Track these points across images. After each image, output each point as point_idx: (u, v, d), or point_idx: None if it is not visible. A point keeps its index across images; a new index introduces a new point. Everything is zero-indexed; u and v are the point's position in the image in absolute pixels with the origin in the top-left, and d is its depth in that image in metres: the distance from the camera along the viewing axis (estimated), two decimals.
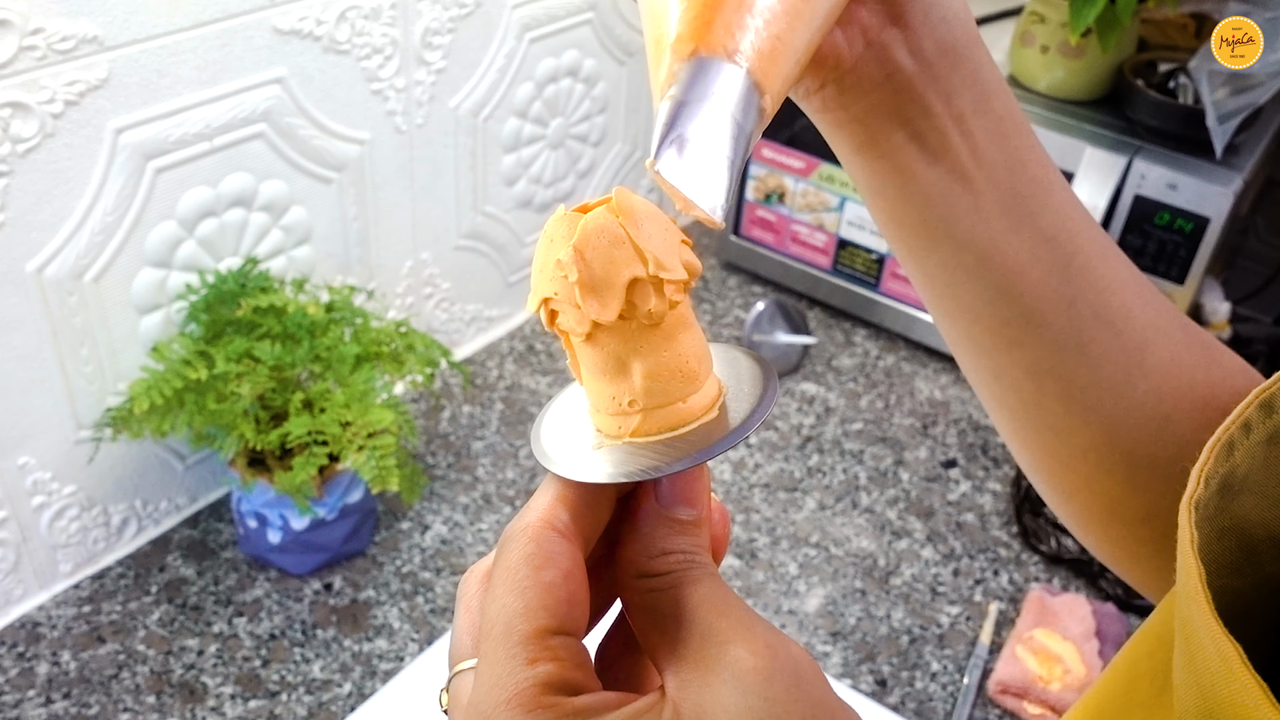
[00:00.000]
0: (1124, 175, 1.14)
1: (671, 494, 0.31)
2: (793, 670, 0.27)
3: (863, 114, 0.39)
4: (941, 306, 0.43)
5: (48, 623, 0.94)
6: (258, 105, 0.93)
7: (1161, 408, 0.42)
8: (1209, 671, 0.27)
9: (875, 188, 0.41)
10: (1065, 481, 0.45)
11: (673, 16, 0.29)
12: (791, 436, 1.21)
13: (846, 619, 1.01)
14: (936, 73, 0.37)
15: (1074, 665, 0.95)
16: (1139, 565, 0.46)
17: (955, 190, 0.39)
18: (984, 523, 1.12)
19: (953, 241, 0.40)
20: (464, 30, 1.08)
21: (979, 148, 0.39)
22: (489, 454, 1.15)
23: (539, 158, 1.25)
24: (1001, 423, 0.46)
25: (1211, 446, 0.32)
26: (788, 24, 0.29)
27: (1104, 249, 0.42)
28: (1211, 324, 1.26)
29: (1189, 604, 0.28)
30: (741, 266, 1.45)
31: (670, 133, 0.27)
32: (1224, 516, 0.33)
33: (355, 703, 0.90)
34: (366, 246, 1.10)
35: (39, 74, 0.78)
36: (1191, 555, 0.29)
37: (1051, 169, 0.41)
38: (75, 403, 0.91)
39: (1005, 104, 0.39)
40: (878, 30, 0.37)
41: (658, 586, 0.29)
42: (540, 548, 0.29)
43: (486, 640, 0.28)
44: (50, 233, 0.83)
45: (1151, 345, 0.42)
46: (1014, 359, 0.42)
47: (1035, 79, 1.24)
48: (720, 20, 0.28)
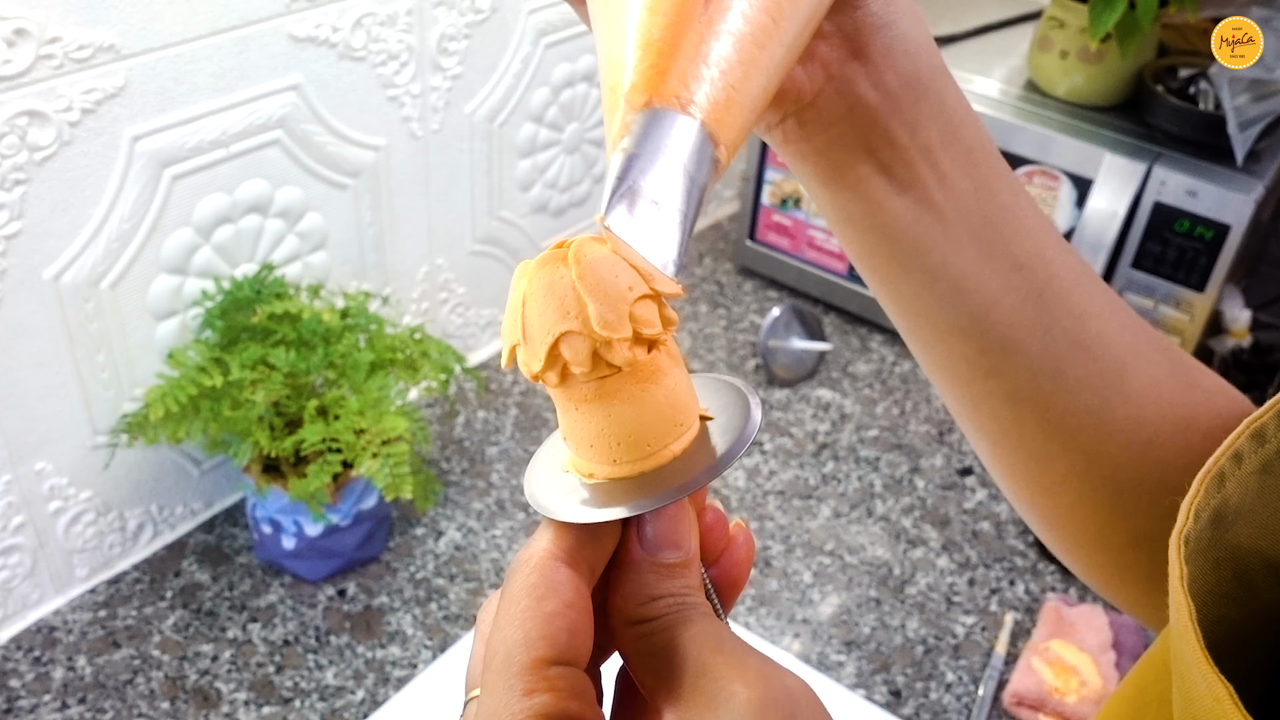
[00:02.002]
0: (1144, 182, 1.13)
1: (655, 539, 0.30)
2: (787, 701, 0.27)
3: (826, 146, 0.38)
4: (916, 336, 0.43)
5: (64, 627, 0.94)
6: (274, 112, 0.93)
7: (1142, 432, 0.42)
8: (1203, 709, 0.26)
9: (843, 219, 0.40)
10: (1048, 509, 0.45)
11: (628, 65, 0.28)
12: (806, 443, 1.20)
13: (861, 628, 1.00)
14: (900, 105, 0.37)
15: (1090, 677, 0.94)
16: (1127, 590, 0.46)
17: (924, 220, 0.39)
18: (1000, 531, 1.11)
19: (924, 272, 0.40)
20: (479, 36, 1.08)
21: (947, 177, 0.38)
22: (503, 459, 1.15)
23: (554, 163, 1.25)
24: (982, 451, 0.46)
25: (1201, 479, 0.32)
26: (743, 73, 0.29)
27: (1079, 274, 0.41)
28: (1232, 332, 1.25)
29: (1181, 641, 0.28)
30: (757, 271, 1.45)
31: (621, 186, 0.27)
32: (1218, 548, 0.32)
33: (368, 710, 0.90)
34: (382, 252, 1.11)
35: (56, 83, 0.78)
36: (1181, 592, 0.28)
37: (1023, 196, 0.40)
38: (92, 409, 0.92)
39: (973, 133, 0.39)
40: (838, 65, 0.36)
41: (650, 631, 0.29)
42: (543, 578, 0.29)
43: (487, 671, 0.28)
44: (67, 240, 0.84)
45: (1130, 370, 0.41)
46: (991, 388, 0.42)
47: (1054, 84, 1.23)
48: (675, 70, 0.28)
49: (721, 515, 0.33)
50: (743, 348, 1.34)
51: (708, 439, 0.32)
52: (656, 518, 0.30)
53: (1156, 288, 1.17)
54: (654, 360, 0.30)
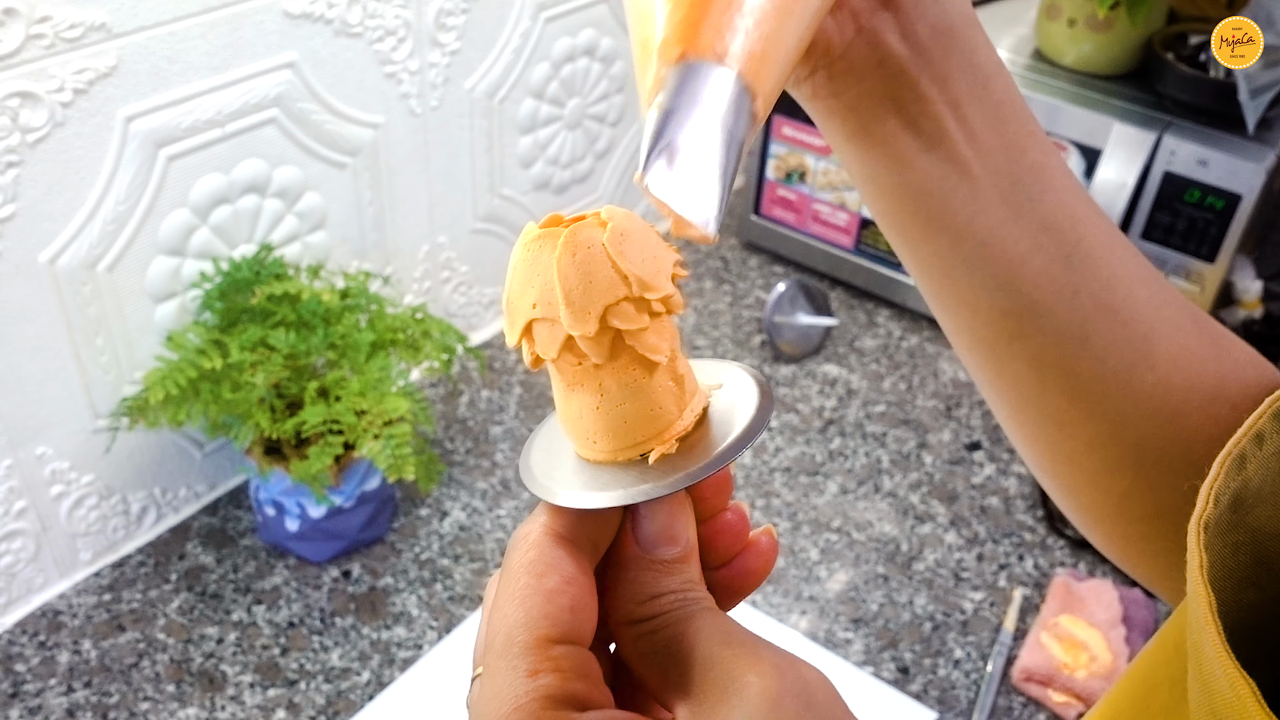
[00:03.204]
0: (1153, 151, 1.12)
1: (651, 535, 0.30)
2: (803, 690, 0.26)
3: (854, 101, 0.37)
4: (939, 298, 0.42)
5: (68, 611, 0.94)
6: (269, 90, 0.92)
7: (1169, 401, 0.40)
8: (1223, 702, 0.26)
9: (868, 176, 0.39)
10: (1070, 477, 0.44)
11: (659, 18, 0.27)
12: (813, 419, 1.20)
13: (868, 605, 1.00)
14: (930, 57, 0.36)
15: (1100, 652, 0.94)
16: (1147, 562, 0.45)
17: (951, 178, 0.38)
18: (1008, 506, 1.10)
19: (950, 231, 0.39)
20: (478, 10, 1.06)
21: (976, 134, 0.37)
22: (507, 439, 1.14)
23: (556, 139, 1.24)
24: (1004, 418, 0.45)
25: (1221, 461, 0.31)
26: (778, 22, 0.28)
27: (1109, 238, 0.40)
28: (1243, 303, 1.23)
29: (1200, 633, 0.27)
30: (762, 246, 1.44)
31: (658, 143, 0.26)
32: (1237, 531, 0.32)
33: (374, 691, 0.90)
34: (382, 231, 1.10)
35: (47, 63, 0.77)
36: (1201, 582, 0.27)
37: (1053, 155, 0.39)
38: (91, 392, 0.91)
39: (1004, 88, 0.38)
40: (868, 15, 0.35)
41: (652, 629, 0.28)
42: (542, 554, 0.28)
43: (489, 652, 0.28)
44: (62, 223, 0.83)
45: (1159, 337, 0.40)
46: (1015, 351, 0.41)
47: (1062, 53, 1.22)
48: (708, 21, 0.27)
49: (744, 516, 0.32)
50: (748, 324, 1.33)
51: (713, 429, 0.30)
52: (652, 511, 0.29)
53: (1166, 259, 1.16)
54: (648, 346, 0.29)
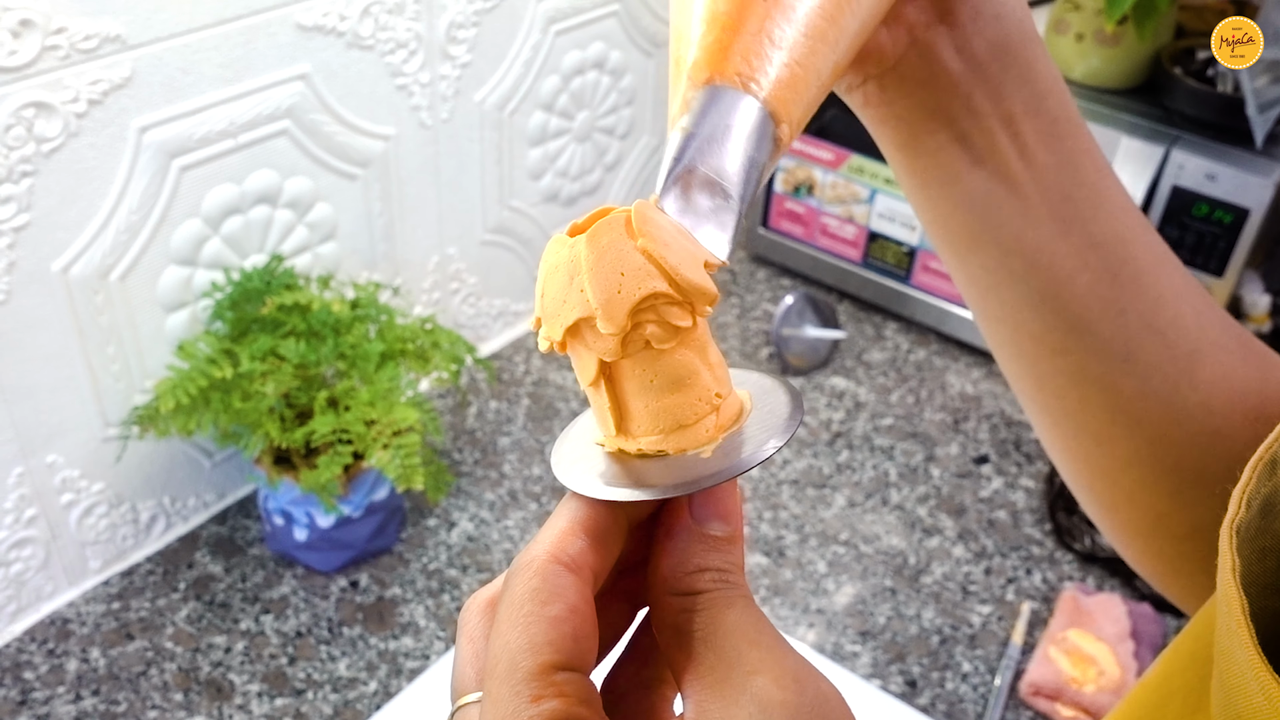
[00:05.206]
0: (1161, 165, 1.12)
1: (704, 509, 0.30)
2: (819, 707, 0.26)
3: (905, 112, 0.37)
4: (984, 310, 0.42)
5: (77, 619, 0.95)
6: (281, 102, 0.93)
7: (1211, 421, 0.40)
8: (1251, 708, 0.25)
9: (917, 186, 0.39)
10: (1107, 494, 0.44)
11: (693, 39, 0.28)
12: (821, 432, 1.20)
13: (876, 618, 0.99)
14: (986, 73, 0.36)
15: (1109, 667, 0.93)
16: (1181, 581, 0.45)
17: (1000, 193, 0.38)
18: (1016, 520, 1.10)
19: (998, 245, 0.39)
20: (488, 24, 1.07)
21: (1029, 150, 0.37)
22: (515, 450, 1.14)
23: (565, 151, 1.24)
24: (1043, 431, 0.45)
25: (1253, 466, 0.31)
26: (809, 49, 0.28)
27: (1158, 256, 0.40)
28: (1251, 317, 1.23)
29: (1230, 637, 0.27)
30: (770, 259, 1.44)
31: (677, 166, 0.26)
32: (1265, 536, 0.31)
33: (381, 701, 0.90)
34: (392, 242, 1.10)
35: (62, 73, 0.78)
36: (1234, 585, 0.27)
37: (1107, 172, 0.39)
38: (102, 401, 0.91)
39: (1060, 104, 0.38)
40: (924, 28, 0.35)
41: (690, 606, 0.29)
42: (546, 582, 0.28)
43: (491, 678, 0.27)
44: (75, 232, 0.84)
45: (1203, 357, 0.40)
46: (1058, 366, 0.41)
47: (1070, 67, 1.22)
48: (738, 46, 0.27)
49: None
50: (756, 336, 1.33)
51: (749, 426, 0.31)
52: (709, 490, 0.30)
53: None
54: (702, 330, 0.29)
